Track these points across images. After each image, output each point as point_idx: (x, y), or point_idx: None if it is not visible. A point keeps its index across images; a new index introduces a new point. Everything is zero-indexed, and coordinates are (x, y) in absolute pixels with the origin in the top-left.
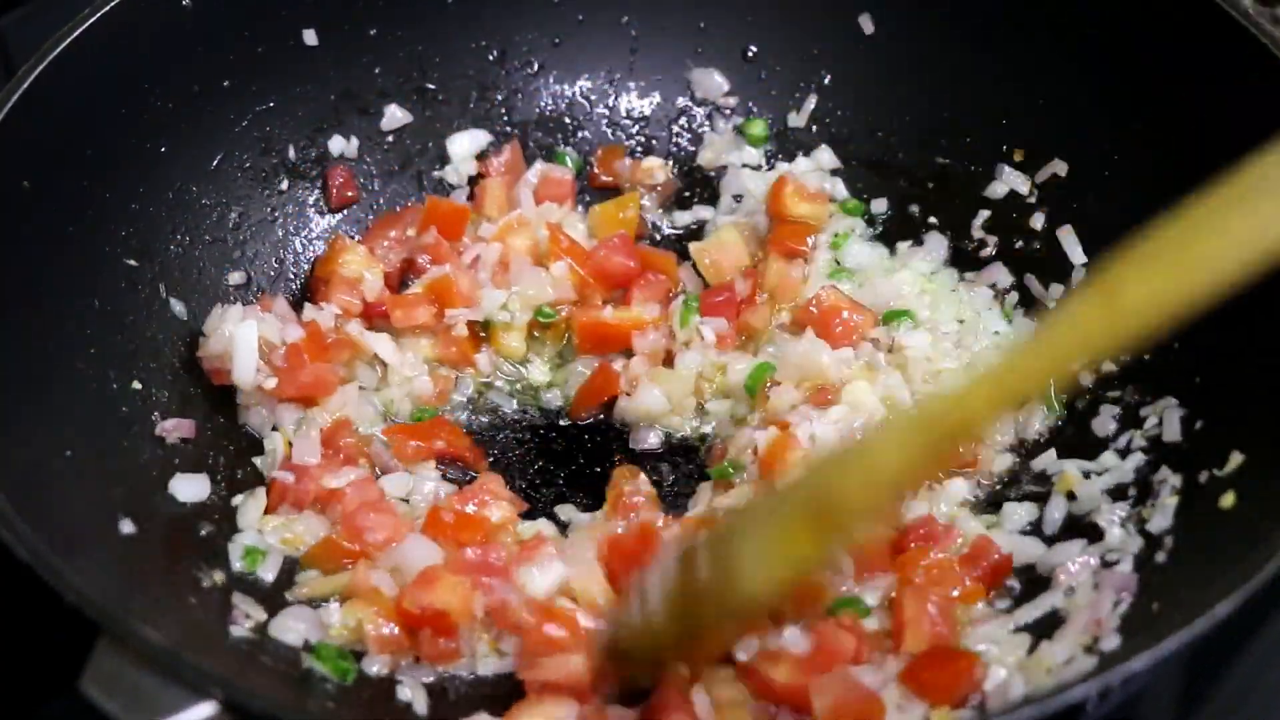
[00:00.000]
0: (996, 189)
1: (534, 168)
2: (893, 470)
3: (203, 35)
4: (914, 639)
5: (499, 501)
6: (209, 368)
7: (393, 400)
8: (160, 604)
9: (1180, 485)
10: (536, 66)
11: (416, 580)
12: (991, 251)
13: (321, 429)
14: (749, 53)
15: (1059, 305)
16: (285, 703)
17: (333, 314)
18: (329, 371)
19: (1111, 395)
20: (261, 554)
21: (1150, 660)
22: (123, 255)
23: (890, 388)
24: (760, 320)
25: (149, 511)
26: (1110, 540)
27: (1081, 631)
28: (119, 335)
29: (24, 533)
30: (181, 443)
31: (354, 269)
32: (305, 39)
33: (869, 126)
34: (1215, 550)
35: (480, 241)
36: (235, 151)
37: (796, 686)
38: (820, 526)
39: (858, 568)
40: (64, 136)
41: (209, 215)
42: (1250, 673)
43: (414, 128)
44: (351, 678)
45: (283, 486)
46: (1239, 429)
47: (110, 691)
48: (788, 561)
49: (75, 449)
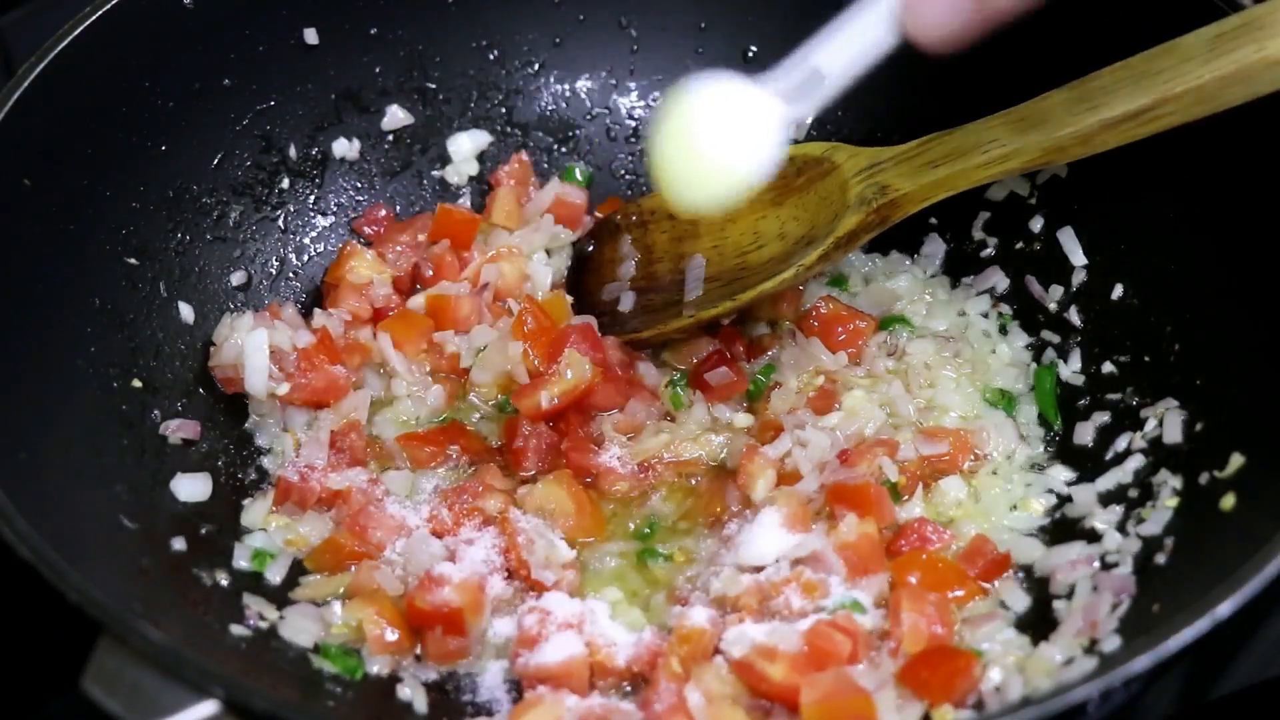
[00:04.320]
0: (996, 190)
1: (549, 186)
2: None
3: (203, 34)
4: (911, 639)
5: (494, 494)
6: (220, 377)
7: (404, 406)
8: (161, 603)
9: (1180, 487)
10: (537, 66)
11: (426, 579)
12: (991, 252)
13: (332, 431)
14: (749, 53)
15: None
16: (286, 701)
17: (342, 319)
18: (341, 376)
19: (1111, 398)
20: (270, 556)
21: (1151, 661)
22: (123, 254)
23: (890, 395)
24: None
25: (150, 510)
26: (1109, 542)
27: (1078, 632)
28: (119, 334)
29: (25, 532)
30: (183, 443)
31: (363, 274)
32: (306, 38)
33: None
34: (1216, 552)
35: (487, 261)
36: (236, 150)
37: (791, 684)
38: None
39: (853, 568)
40: (64, 135)
41: (209, 214)
42: (1250, 673)
43: (415, 127)
44: (359, 674)
45: (288, 485)
46: (1239, 430)
47: (112, 690)
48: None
49: (76, 448)
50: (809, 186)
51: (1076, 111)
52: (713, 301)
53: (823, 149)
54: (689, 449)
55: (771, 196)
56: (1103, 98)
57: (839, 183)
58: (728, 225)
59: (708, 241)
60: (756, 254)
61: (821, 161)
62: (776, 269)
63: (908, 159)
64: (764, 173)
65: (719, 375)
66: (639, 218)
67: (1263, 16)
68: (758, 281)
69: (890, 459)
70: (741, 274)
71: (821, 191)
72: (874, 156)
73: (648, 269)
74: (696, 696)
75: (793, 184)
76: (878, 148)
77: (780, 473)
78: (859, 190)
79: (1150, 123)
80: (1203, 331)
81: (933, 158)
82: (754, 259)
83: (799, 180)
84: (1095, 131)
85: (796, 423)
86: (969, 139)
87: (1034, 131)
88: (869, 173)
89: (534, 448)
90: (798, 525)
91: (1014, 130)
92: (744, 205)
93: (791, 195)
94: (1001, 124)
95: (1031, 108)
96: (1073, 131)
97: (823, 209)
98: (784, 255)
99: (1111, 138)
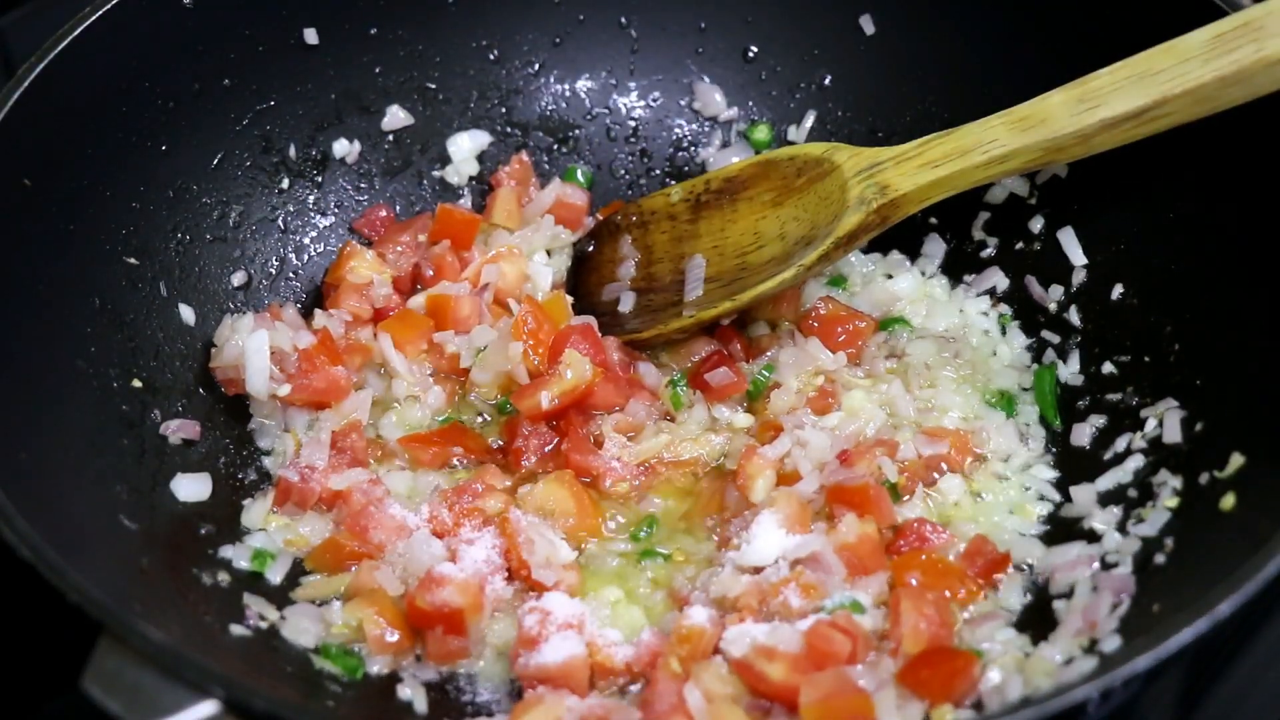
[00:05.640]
0: (996, 191)
1: (550, 186)
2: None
3: (203, 34)
4: (911, 639)
5: (494, 494)
6: (222, 379)
7: (405, 407)
8: (161, 603)
9: (1180, 487)
10: (536, 66)
11: (427, 579)
12: (991, 252)
13: (333, 431)
14: (749, 53)
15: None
16: (286, 701)
17: (342, 320)
18: (342, 377)
19: (1111, 398)
20: (271, 556)
21: (1151, 660)
22: (123, 254)
23: (890, 395)
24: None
25: (150, 510)
26: (1109, 543)
27: (1078, 632)
28: (119, 334)
29: (25, 532)
30: (183, 443)
31: (363, 275)
32: (306, 38)
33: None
34: (1215, 551)
35: (487, 261)
36: (236, 150)
37: (791, 684)
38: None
39: (853, 568)
40: (64, 135)
41: (209, 214)
42: (1250, 673)
43: (415, 127)
44: (359, 674)
45: (288, 485)
46: (1239, 430)
47: (111, 690)
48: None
49: (76, 447)
50: (809, 187)
51: (1076, 111)
52: (713, 302)
53: (823, 149)
54: (689, 449)
55: (772, 197)
56: (1102, 98)
57: (839, 183)
58: (728, 226)
59: (708, 242)
60: (756, 254)
61: (821, 162)
62: (776, 269)
63: (908, 159)
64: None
65: (719, 375)
66: (639, 218)
67: (1261, 18)
68: (758, 282)
69: (890, 459)
70: (741, 274)
71: (821, 192)
72: (874, 157)
73: (648, 269)
74: (696, 696)
75: (793, 184)
76: (878, 148)
77: (780, 473)
78: (859, 191)
79: (1150, 123)
80: (1203, 331)
81: (933, 158)
82: (754, 259)
83: (799, 181)
84: (1095, 131)
85: (796, 423)
86: (968, 139)
87: (1034, 131)
88: (869, 173)
89: (534, 448)
90: (797, 525)
91: (1014, 130)
92: (743, 206)
93: (791, 196)
94: (1001, 124)
95: (1031, 108)
96: (1073, 131)
97: (823, 209)
98: (784, 255)
99: (1111, 137)
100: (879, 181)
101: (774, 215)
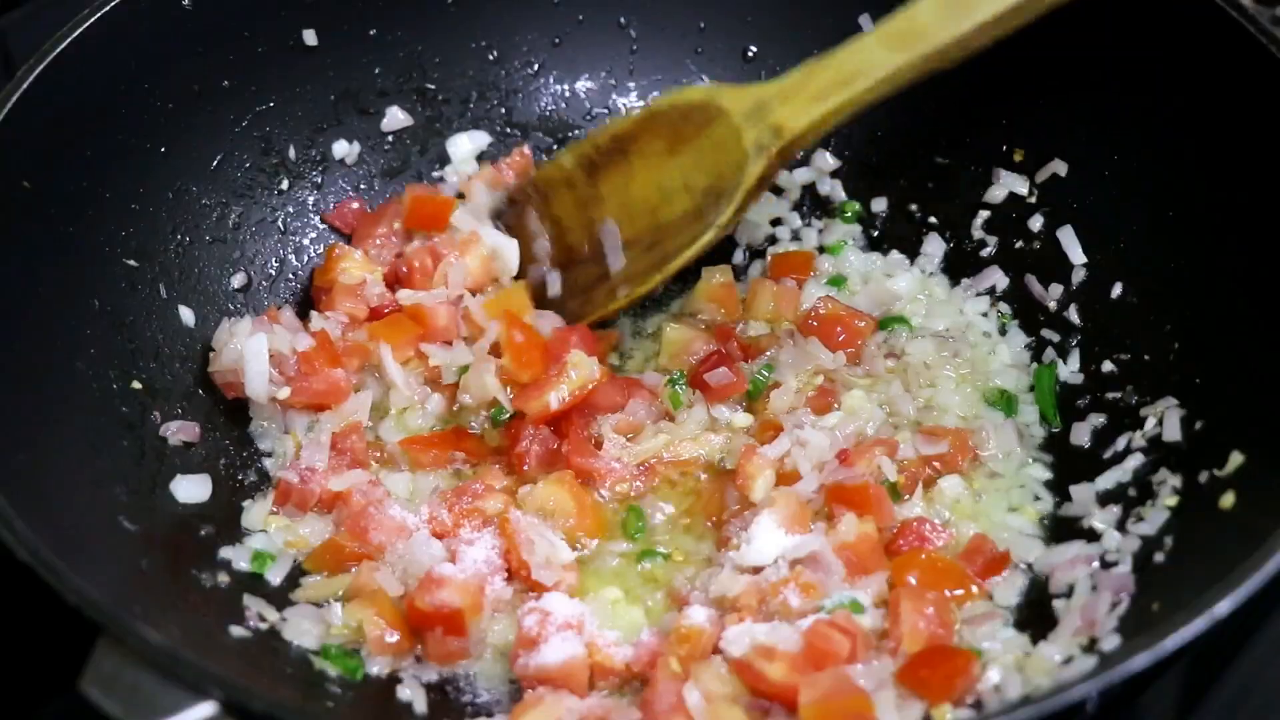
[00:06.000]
0: (996, 189)
1: None
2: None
3: (203, 35)
4: (911, 638)
5: (494, 495)
6: (221, 382)
7: (405, 412)
8: (160, 604)
9: (1180, 486)
10: (536, 66)
11: (427, 580)
12: (991, 251)
13: (333, 433)
14: (749, 53)
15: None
16: (285, 701)
17: (339, 322)
18: (341, 379)
19: (1111, 396)
20: (271, 557)
21: (1150, 660)
22: (122, 255)
23: (890, 395)
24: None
25: (149, 512)
26: (1108, 541)
27: (1077, 631)
28: (119, 335)
29: (24, 533)
30: (183, 444)
31: (355, 275)
32: (305, 39)
33: (869, 127)
34: (1215, 550)
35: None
36: (235, 151)
37: (790, 684)
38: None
39: (852, 568)
40: (64, 136)
41: (209, 215)
42: (1250, 673)
43: (414, 128)
44: (359, 675)
45: (288, 487)
46: (1239, 429)
47: (110, 691)
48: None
49: (75, 449)
50: (699, 134)
51: (949, 19)
52: (641, 273)
53: (703, 93)
54: (689, 449)
55: (663, 146)
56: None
57: (729, 128)
58: (630, 183)
59: (614, 203)
60: (667, 209)
61: (706, 107)
62: (692, 227)
63: (794, 94)
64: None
65: (718, 375)
66: (538, 191)
67: None
68: (678, 246)
69: (890, 459)
70: (658, 235)
71: (714, 137)
72: (758, 95)
73: (563, 243)
74: (696, 696)
75: (682, 132)
76: (759, 85)
77: (779, 473)
78: (754, 136)
79: (1025, 11)
80: (1202, 330)
81: (818, 89)
82: (665, 215)
83: (687, 128)
84: (973, 35)
85: (796, 423)
86: (848, 63)
87: (913, 47)
88: (758, 114)
89: (536, 451)
90: (797, 525)
91: (892, 49)
92: (638, 161)
93: (684, 144)
94: (878, 44)
95: (906, 21)
96: (953, 40)
97: (720, 156)
98: (695, 210)
99: (990, 35)
100: (771, 124)
101: (673, 165)
